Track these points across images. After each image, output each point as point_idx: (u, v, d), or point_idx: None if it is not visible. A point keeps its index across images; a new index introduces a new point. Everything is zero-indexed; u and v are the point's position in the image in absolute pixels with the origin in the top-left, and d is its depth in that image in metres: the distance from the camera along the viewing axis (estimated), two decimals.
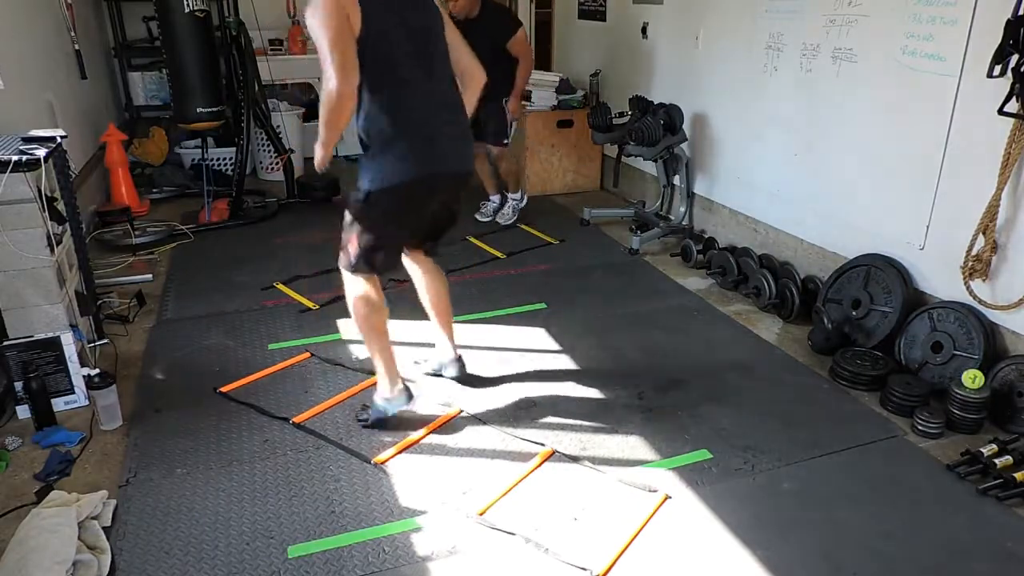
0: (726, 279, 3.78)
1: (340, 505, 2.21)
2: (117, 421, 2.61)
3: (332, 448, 2.47)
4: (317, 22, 2.11)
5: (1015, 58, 2.46)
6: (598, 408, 2.72)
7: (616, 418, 2.65)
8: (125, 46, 5.91)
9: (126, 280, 3.84)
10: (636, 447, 2.49)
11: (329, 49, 2.10)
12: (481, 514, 2.16)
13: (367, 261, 2.40)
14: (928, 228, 2.97)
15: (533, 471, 2.37)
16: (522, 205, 4.91)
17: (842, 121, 3.32)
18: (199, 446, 2.49)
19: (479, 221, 4.82)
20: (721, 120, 4.19)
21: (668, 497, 2.23)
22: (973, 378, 2.53)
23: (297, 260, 4.12)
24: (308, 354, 3.08)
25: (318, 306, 3.54)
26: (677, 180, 4.46)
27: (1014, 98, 2.48)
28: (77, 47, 4.75)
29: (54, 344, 2.62)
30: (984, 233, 2.68)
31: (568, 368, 3.01)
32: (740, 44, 3.90)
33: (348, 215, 2.39)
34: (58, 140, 2.86)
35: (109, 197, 4.96)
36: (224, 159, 5.67)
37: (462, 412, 2.68)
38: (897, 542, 2.07)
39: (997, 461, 2.31)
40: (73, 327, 2.83)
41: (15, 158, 2.57)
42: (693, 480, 2.31)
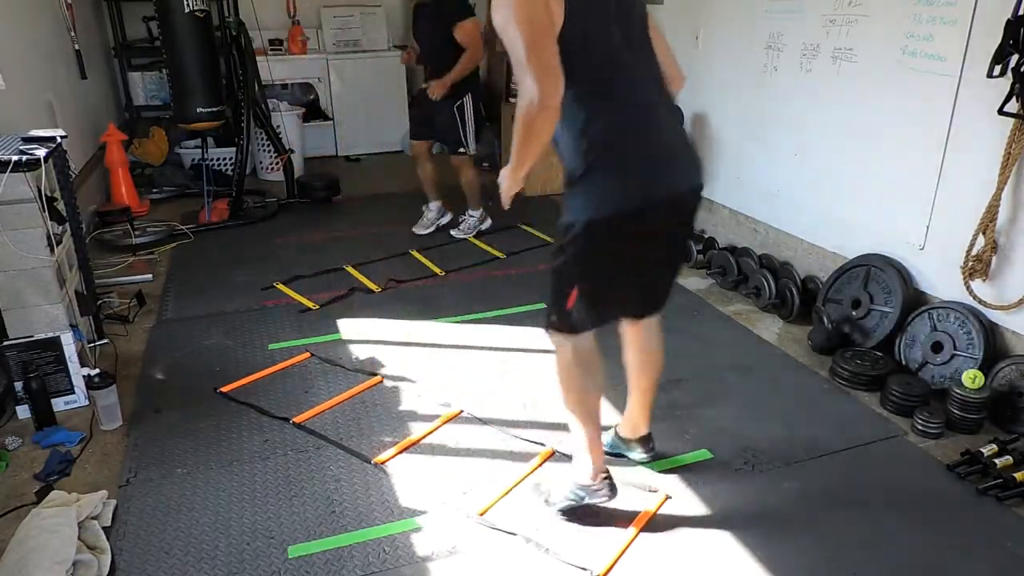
0: (726, 279, 3.78)
1: (340, 505, 2.21)
2: (117, 421, 2.61)
3: (332, 448, 2.47)
4: (508, 17, 1.67)
5: (1015, 58, 2.46)
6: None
7: (616, 418, 2.64)
8: (125, 46, 5.91)
9: (126, 280, 3.84)
10: None
11: (526, 51, 1.64)
12: (481, 514, 2.16)
13: (589, 315, 1.92)
14: (928, 228, 2.97)
15: (533, 471, 2.37)
16: (483, 227, 4.53)
17: (842, 121, 3.32)
18: (199, 446, 2.49)
19: (416, 235, 4.51)
20: (721, 120, 4.19)
21: (668, 497, 2.23)
22: (973, 378, 2.53)
23: (297, 260, 4.12)
24: (308, 354, 3.08)
25: (318, 306, 3.54)
26: None
27: (1014, 98, 2.48)
28: (77, 47, 4.75)
29: (54, 344, 2.62)
30: (984, 233, 2.67)
31: None
32: (740, 44, 3.90)
33: (557, 265, 1.92)
34: (58, 140, 2.86)
35: (109, 197, 4.96)
36: (224, 159, 5.67)
37: (462, 412, 2.68)
38: (897, 542, 2.07)
39: (997, 461, 2.31)
40: (73, 327, 2.83)
41: (15, 158, 2.57)
42: (693, 480, 2.31)
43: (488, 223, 4.57)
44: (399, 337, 3.26)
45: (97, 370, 2.63)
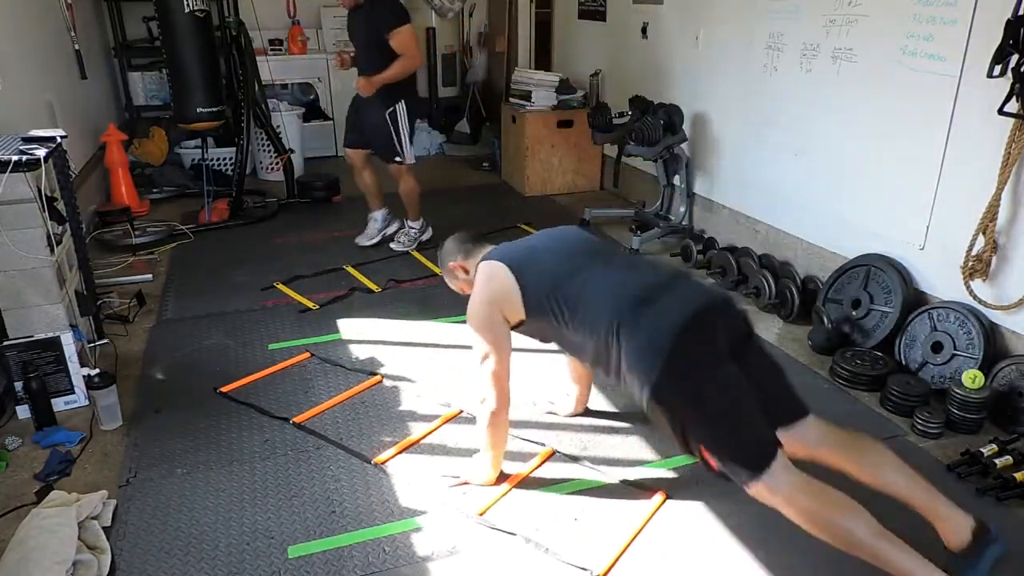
0: (726, 279, 3.78)
1: (340, 505, 2.21)
2: (117, 421, 2.61)
3: (332, 448, 2.47)
4: (473, 326, 2.16)
5: (1015, 58, 2.46)
6: (598, 408, 2.72)
7: (616, 418, 2.65)
8: (125, 46, 5.91)
9: (126, 280, 3.84)
10: (636, 447, 2.49)
11: (482, 356, 2.16)
12: (481, 514, 2.16)
13: (744, 444, 1.80)
14: (928, 228, 2.97)
15: (533, 471, 2.37)
16: (424, 238, 4.36)
17: (842, 121, 3.32)
18: (199, 446, 2.49)
19: (361, 247, 4.35)
20: (721, 120, 4.19)
21: (668, 497, 2.23)
22: (973, 378, 2.53)
23: (297, 260, 4.12)
24: (308, 354, 3.08)
25: (318, 306, 3.54)
26: (677, 180, 4.46)
27: (1014, 98, 2.48)
28: (77, 47, 4.75)
29: (54, 344, 2.62)
30: (984, 233, 2.67)
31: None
32: (740, 44, 3.90)
33: (680, 437, 1.85)
34: (58, 140, 2.86)
35: (109, 197, 4.96)
36: (224, 159, 5.67)
37: (462, 412, 2.68)
38: None
39: (997, 461, 2.31)
40: (73, 327, 2.83)
41: (15, 158, 2.57)
42: (693, 480, 2.31)
43: (429, 233, 4.38)
44: (399, 337, 3.26)
45: (97, 370, 2.63)
